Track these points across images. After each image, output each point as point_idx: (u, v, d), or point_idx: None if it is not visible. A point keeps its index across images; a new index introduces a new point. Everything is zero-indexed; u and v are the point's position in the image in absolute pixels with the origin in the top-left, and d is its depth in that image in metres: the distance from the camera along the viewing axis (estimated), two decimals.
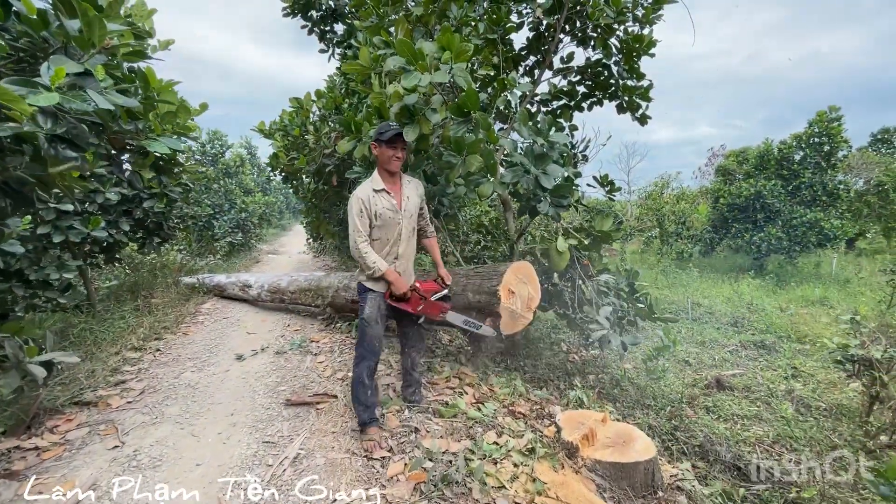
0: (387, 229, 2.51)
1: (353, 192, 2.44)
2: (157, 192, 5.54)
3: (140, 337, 4.54)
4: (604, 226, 3.33)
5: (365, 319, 2.53)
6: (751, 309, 8.82)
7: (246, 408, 2.97)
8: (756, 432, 4.03)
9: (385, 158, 2.46)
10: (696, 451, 3.52)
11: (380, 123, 2.56)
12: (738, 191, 12.82)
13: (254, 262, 11.55)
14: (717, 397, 4.81)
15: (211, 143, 12.10)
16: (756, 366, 5.96)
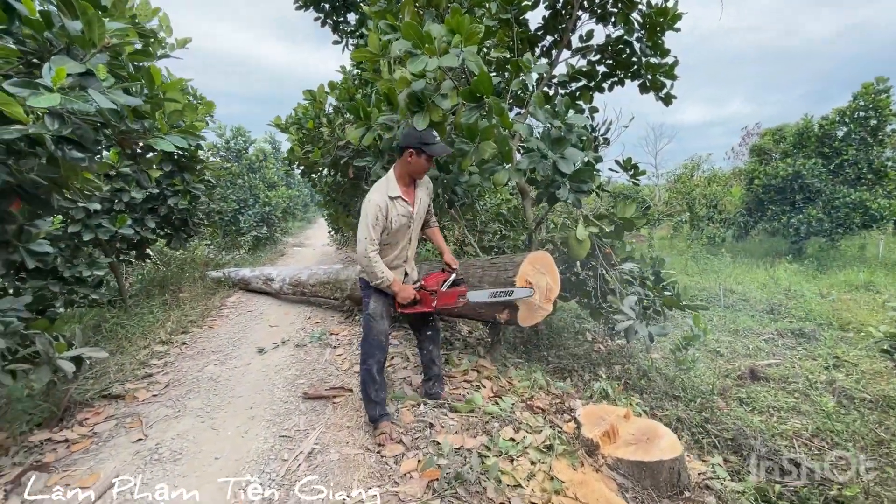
0: (398, 235, 2.47)
1: (369, 198, 2.33)
2: (180, 190, 5.66)
3: (168, 331, 4.67)
4: (627, 212, 3.17)
5: (370, 315, 2.48)
6: (788, 295, 8.40)
7: (265, 401, 3.00)
8: (793, 425, 3.83)
9: (419, 168, 2.38)
10: (728, 444, 3.37)
11: (422, 131, 2.38)
12: (775, 171, 12.15)
13: (279, 255, 11.77)
14: (752, 388, 4.60)
15: (234, 140, 12.33)
16: (794, 355, 5.66)
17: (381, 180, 2.45)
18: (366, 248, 2.32)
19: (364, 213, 2.32)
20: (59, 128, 1.65)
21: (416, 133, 2.35)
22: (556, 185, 2.67)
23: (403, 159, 2.38)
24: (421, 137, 2.33)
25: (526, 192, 3.51)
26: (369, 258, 2.32)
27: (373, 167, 3.12)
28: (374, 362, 2.46)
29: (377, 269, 2.34)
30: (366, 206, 2.32)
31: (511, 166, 2.65)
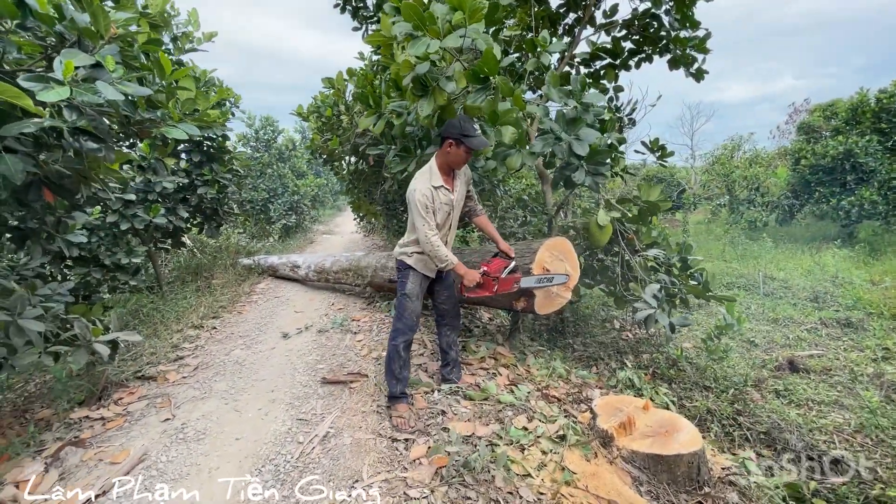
0: (442, 223, 2.53)
1: (414, 188, 2.40)
2: (209, 179, 5.84)
3: (200, 316, 4.87)
4: (651, 195, 3.02)
5: (406, 294, 2.55)
6: (835, 282, 7.87)
7: (286, 385, 3.09)
8: (834, 420, 3.61)
9: (459, 159, 2.42)
10: (761, 438, 3.22)
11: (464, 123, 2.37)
12: (824, 150, 11.32)
13: (308, 242, 12.04)
14: (790, 380, 4.36)
15: (263, 129, 12.60)
16: (838, 346, 5.32)
17: (422, 170, 2.50)
18: (427, 234, 2.38)
19: (414, 203, 2.38)
20: (74, 119, 1.70)
21: (458, 124, 2.36)
22: (573, 168, 2.56)
23: (443, 149, 2.42)
24: (462, 129, 2.34)
25: (545, 177, 3.40)
26: (432, 243, 2.39)
27: (387, 155, 3.09)
28: (402, 340, 2.52)
29: (441, 252, 2.41)
30: (414, 197, 2.38)
31: (524, 150, 2.56)
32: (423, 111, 2.37)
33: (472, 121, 2.43)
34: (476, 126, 2.42)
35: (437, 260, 2.44)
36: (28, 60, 1.91)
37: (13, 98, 1.34)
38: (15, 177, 1.61)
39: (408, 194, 2.44)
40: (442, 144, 2.43)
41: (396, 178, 4.49)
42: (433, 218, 2.41)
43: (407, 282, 2.57)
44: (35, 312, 2.36)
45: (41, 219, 3.00)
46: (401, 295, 2.59)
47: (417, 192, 2.37)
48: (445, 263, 2.44)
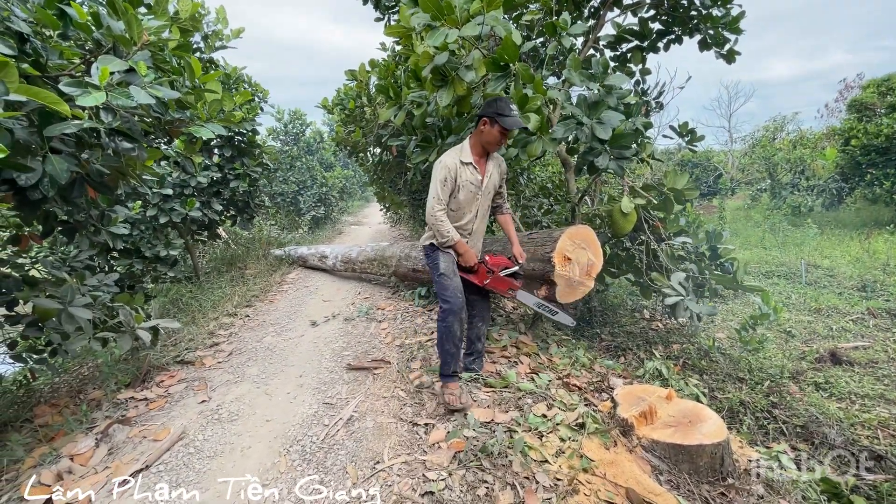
0: (465, 203, 2.49)
1: (440, 159, 2.40)
2: (240, 173, 6.06)
3: (234, 304, 5.10)
4: (677, 182, 2.92)
5: (443, 274, 2.48)
6: (887, 270, 7.39)
7: (313, 370, 3.21)
8: (879, 414, 3.43)
9: (492, 139, 2.37)
10: (797, 431, 3.10)
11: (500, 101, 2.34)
12: (878, 128, 10.54)
13: (337, 233, 12.31)
14: (831, 373, 4.16)
15: (292, 123, 12.89)
16: (887, 337, 5.02)
17: (455, 146, 2.48)
18: (433, 207, 2.38)
19: (434, 174, 2.37)
20: (111, 121, 1.81)
21: (494, 102, 2.33)
22: (596, 153, 2.51)
23: (478, 128, 2.40)
24: (497, 107, 2.31)
25: (568, 163, 3.35)
26: (435, 216, 2.38)
27: (408, 146, 3.12)
28: (452, 319, 2.44)
29: (443, 227, 2.40)
30: (435, 168, 2.37)
31: (545, 136, 2.52)
32: (443, 101, 2.37)
33: (509, 101, 2.38)
34: (514, 106, 2.34)
35: (438, 234, 2.42)
36: (69, 65, 2.04)
37: (52, 104, 1.44)
38: (61, 176, 1.74)
39: (433, 166, 2.42)
40: (477, 123, 2.40)
41: (418, 169, 4.52)
42: (447, 193, 2.38)
43: (438, 262, 2.50)
44: (84, 301, 2.55)
45: (87, 213, 3.22)
46: (437, 276, 2.51)
47: (441, 163, 2.35)
48: (446, 239, 2.41)
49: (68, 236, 3.07)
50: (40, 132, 1.69)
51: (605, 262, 3.50)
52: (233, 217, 6.84)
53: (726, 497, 1.87)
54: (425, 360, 3.09)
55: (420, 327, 3.85)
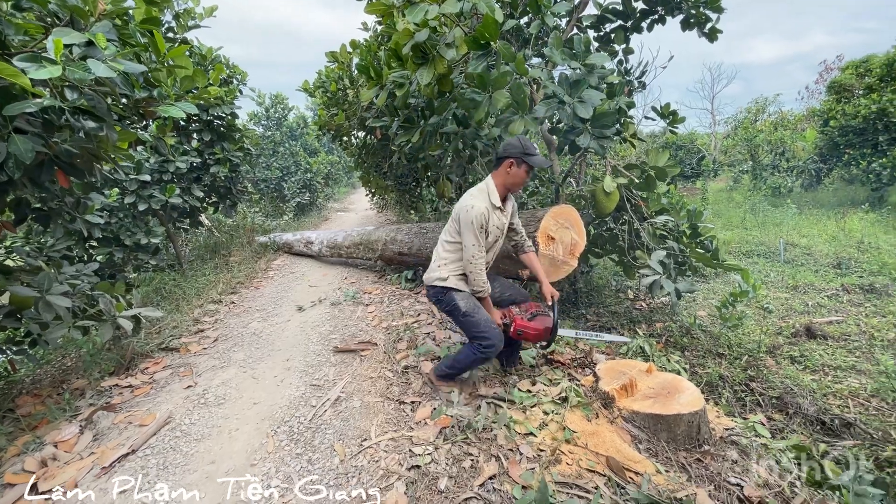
0: (488, 247, 2.38)
1: (472, 204, 2.22)
2: (220, 158, 5.93)
3: (219, 291, 5.05)
4: (658, 160, 2.95)
5: (466, 313, 2.28)
6: (861, 248, 7.62)
7: (300, 354, 3.21)
8: (850, 385, 3.59)
9: (519, 180, 2.28)
10: (773, 403, 3.23)
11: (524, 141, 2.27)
12: (856, 109, 10.74)
13: (323, 219, 12.18)
14: (806, 346, 4.31)
15: (274, 108, 12.60)
16: (859, 312, 5.20)
17: (477, 187, 2.34)
18: (474, 255, 2.24)
19: (468, 220, 2.21)
20: (74, 99, 1.75)
21: (518, 143, 2.25)
22: (577, 132, 2.51)
23: (502, 170, 2.28)
24: (523, 147, 2.23)
25: (551, 144, 3.35)
26: (475, 265, 2.25)
27: (391, 127, 3.08)
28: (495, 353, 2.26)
29: (481, 278, 2.29)
30: (469, 214, 2.20)
31: (527, 116, 2.52)
32: (424, 79, 2.34)
33: (530, 141, 2.30)
34: (536, 146, 2.28)
35: (476, 283, 2.28)
36: (31, 42, 1.96)
37: (11, 77, 1.38)
38: (24, 156, 1.68)
39: (459, 211, 2.26)
40: (499, 165, 2.28)
41: (403, 152, 4.48)
42: (483, 239, 2.25)
43: (457, 303, 2.30)
44: (62, 289, 2.50)
45: (61, 200, 3.13)
46: (462, 318, 2.30)
47: (475, 209, 2.18)
48: (481, 290, 2.29)
49: (43, 224, 2.99)
50: (1, 112, 1.63)
51: (589, 243, 3.55)
52: (215, 204, 6.72)
53: (702, 463, 1.95)
54: (412, 342, 3.11)
55: (406, 310, 3.87)
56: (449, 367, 2.38)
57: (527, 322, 2.36)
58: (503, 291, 2.60)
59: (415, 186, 8.52)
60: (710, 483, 1.83)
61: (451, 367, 2.37)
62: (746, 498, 1.77)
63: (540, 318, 2.40)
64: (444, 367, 2.41)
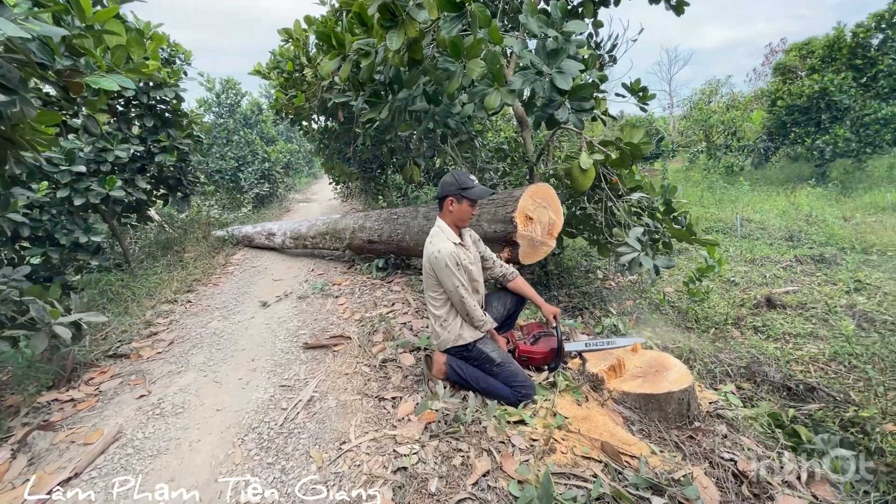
0: (470, 283, 2.25)
1: (438, 248, 2.12)
2: (166, 146, 5.44)
3: (173, 290, 4.67)
4: (633, 137, 2.89)
5: (501, 363, 2.14)
6: (809, 221, 8.05)
7: (267, 353, 2.98)
8: (810, 350, 3.74)
9: (465, 215, 2.21)
10: (741, 372, 3.32)
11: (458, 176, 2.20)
12: (800, 89, 11.27)
13: (285, 211, 11.66)
14: (767, 316, 4.48)
15: (225, 93, 11.82)
16: (813, 281, 5.47)
17: (431, 234, 2.26)
18: (462, 296, 2.12)
19: (441, 264, 2.10)
20: None
21: (453, 179, 2.19)
22: (555, 106, 2.39)
23: (445, 209, 2.24)
24: (459, 183, 2.17)
25: (524, 121, 3.23)
26: (468, 304, 2.14)
27: (355, 103, 2.86)
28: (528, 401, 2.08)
29: (478, 312, 2.17)
30: (440, 258, 2.10)
31: (503, 88, 2.37)
32: (393, 44, 2.14)
33: (466, 172, 2.25)
34: (473, 177, 2.22)
35: (474, 320, 2.17)
36: None
37: None
38: None
39: (429, 262, 2.15)
40: (442, 206, 2.24)
41: (369, 134, 4.24)
42: (464, 277, 2.15)
43: (488, 354, 2.15)
44: None
45: None
46: (496, 368, 2.13)
47: (443, 251, 2.09)
48: (483, 322, 2.18)
49: None
50: None
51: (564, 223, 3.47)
52: (164, 197, 6.22)
53: (694, 440, 1.91)
54: (388, 333, 2.94)
55: (380, 300, 3.68)
56: (473, 381, 2.17)
57: (530, 347, 2.27)
58: (503, 308, 2.52)
59: (380, 173, 8.23)
60: (704, 460, 1.80)
61: (475, 383, 2.17)
62: (741, 472, 1.74)
63: (544, 339, 2.31)
64: (465, 377, 2.18)
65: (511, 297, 2.53)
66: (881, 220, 7.84)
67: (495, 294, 2.56)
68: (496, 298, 2.52)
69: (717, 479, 1.71)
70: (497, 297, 2.53)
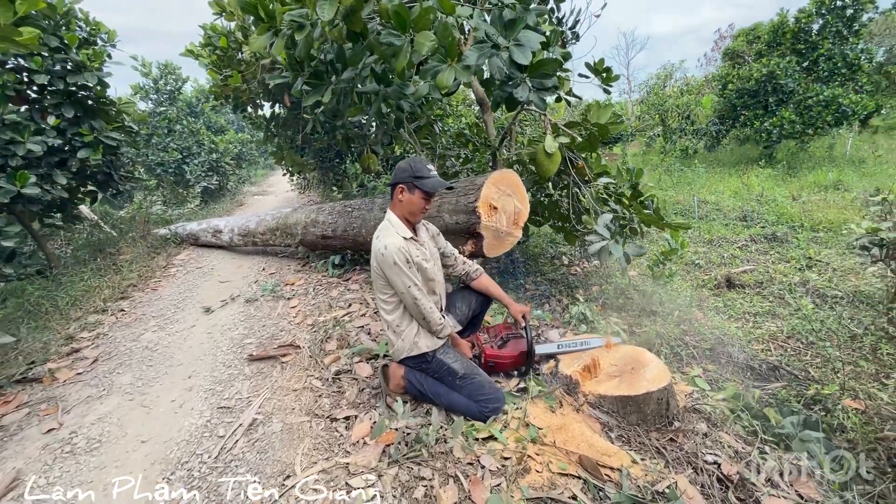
0: (425, 283, 2.01)
1: (384, 244, 1.86)
2: (90, 141, 4.84)
3: (103, 298, 4.18)
4: (601, 117, 2.72)
5: (465, 375, 1.91)
6: (760, 201, 8.34)
7: (206, 368, 2.65)
8: (769, 329, 3.79)
9: (415, 208, 1.96)
10: (706, 354, 3.31)
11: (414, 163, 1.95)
12: (749, 73, 11.64)
13: (237, 205, 10.96)
14: (728, 296, 4.53)
15: (164, 79, 10.86)
16: (767, 259, 5.62)
17: (381, 227, 2.01)
18: (416, 297, 1.87)
19: (389, 262, 1.84)
20: None
21: (407, 166, 1.95)
22: (515, 84, 2.17)
23: (395, 198, 1.99)
24: (412, 170, 1.92)
25: (485, 103, 2.99)
26: (421, 306, 1.88)
27: (294, 85, 2.53)
28: (497, 414, 1.87)
29: (435, 316, 1.92)
30: (388, 255, 1.84)
31: (457, 64, 2.12)
32: (325, 14, 1.83)
33: (424, 160, 2.00)
34: (431, 166, 1.97)
35: (432, 324, 1.92)
36: None
37: None
38: None
39: (376, 259, 1.90)
40: (392, 193, 1.99)
41: (318, 119, 3.89)
42: (416, 275, 1.90)
43: (449, 365, 1.92)
44: None
45: None
46: (459, 381, 1.90)
47: (390, 246, 1.84)
48: (440, 327, 1.93)
49: None
50: None
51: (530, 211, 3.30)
52: (92, 193, 5.59)
53: (675, 442, 1.79)
54: (343, 340, 2.68)
55: (336, 300, 3.39)
56: (434, 396, 1.94)
57: (498, 351, 2.05)
58: (467, 308, 2.28)
59: (339, 162, 7.79)
60: (688, 466, 1.67)
61: (437, 398, 1.94)
62: (726, 477, 1.62)
63: (512, 342, 2.09)
64: (426, 392, 1.96)
65: (476, 296, 2.30)
66: (825, 199, 8.21)
67: (459, 293, 2.32)
68: (460, 298, 2.29)
69: (701, 485, 1.59)
70: (461, 297, 2.30)
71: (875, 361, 3.20)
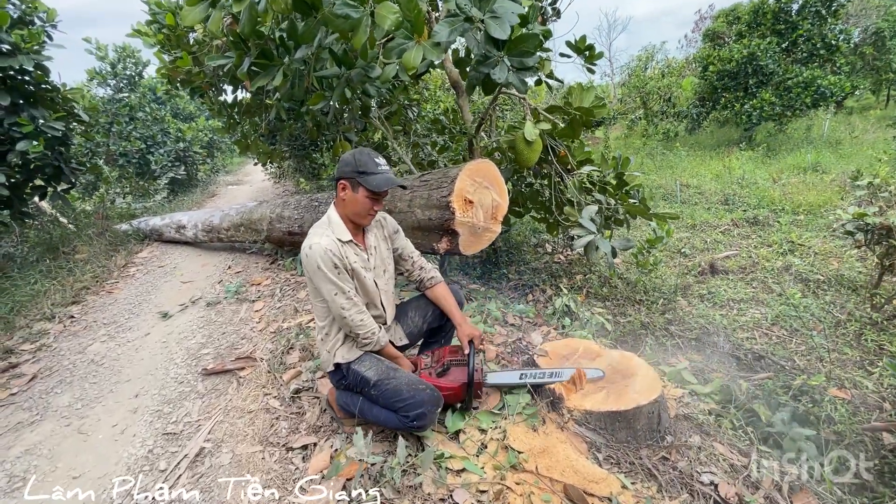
0: (363, 293, 1.78)
1: (311, 244, 1.64)
2: (30, 131, 4.40)
3: (52, 303, 3.84)
4: (584, 100, 2.51)
5: (379, 381, 1.67)
6: (741, 184, 8.31)
7: (156, 384, 2.39)
8: (754, 316, 3.72)
9: (360, 208, 1.70)
10: (692, 344, 3.21)
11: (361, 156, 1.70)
12: (730, 55, 11.54)
13: (209, 196, 10.48)
14: (712, 283, 4.44)
15: (122, 63, 10.17)
16: (749, 244, 5.56)
17: (319, 222, 1.79)
18: (342, 306, 1.64)
19: (313, 266, 1.63)
20: None
21: (351, 159, 1.68)
22: (491, 63, 1.93)
23: (338, 196, 1.75)
24: (356, 164, 1.66)
25: (459, 86, 2.75)
26: (351, 317, 1.65)
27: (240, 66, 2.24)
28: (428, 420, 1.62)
29: (366, 326, 1.68)
30: (312, 257, 1.63)
31: (425, 41, 1.87)
32: None
33: (373, 152, 1.73)
34: (380, 160, 1.72)
35: (362, 335, 1.69)
36: None
37: None
38: None
39: (301, 257, 1.70)
40: (336, 189, 1.75)
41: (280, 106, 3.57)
42: (347, 281, 1.67)
43: (363, 375, 1.70)
44: None
45: None
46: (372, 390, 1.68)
47: (316, 248, 1.62)
48: (369, 340, 1.70)
49: None
50: None
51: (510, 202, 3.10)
52: (40, 189, 5.17)
53: (668, 460, 1.63)
54: (305, 350, 2.45)
55: (302, 304, 3.15)
56: (360, 415, 1.74)
57: (436, 379, 1.76)
58: (422, 321, 2.01)
59: (314, 150, 7.41)
60: (683, 489, 1.51)
61: (362, 416, 1.74)
62: (724, 499, 1.48)
63: (455, 370, 1.80)
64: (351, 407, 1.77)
65: (434, 307, 2.01)
66: (804, 181, 8.22)
67: (415, 301, 2.05)
68: (414, 307, 2.03)
69: None
70: (416, 306, 2.03)
71: (859, 348, 3.15)
